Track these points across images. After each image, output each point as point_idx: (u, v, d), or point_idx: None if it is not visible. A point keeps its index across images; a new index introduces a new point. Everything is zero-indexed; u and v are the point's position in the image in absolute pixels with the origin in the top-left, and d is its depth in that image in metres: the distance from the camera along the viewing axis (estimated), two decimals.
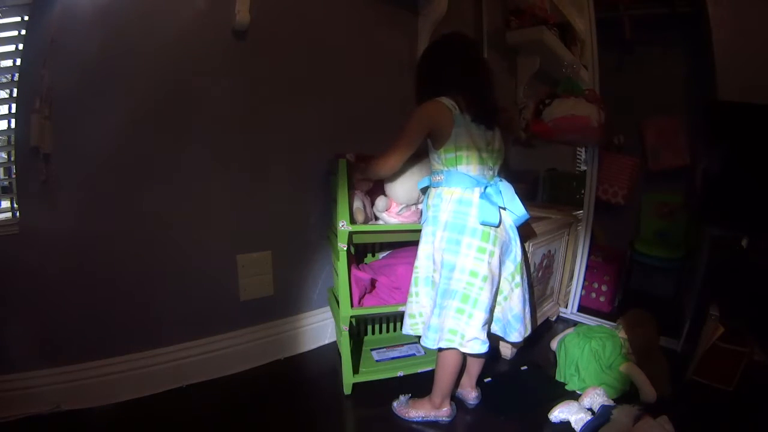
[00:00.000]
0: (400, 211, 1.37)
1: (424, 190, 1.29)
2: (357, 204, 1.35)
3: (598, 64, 1.91)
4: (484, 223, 1.12)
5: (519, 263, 1.22)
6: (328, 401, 1.36)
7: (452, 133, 1.12)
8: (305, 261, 1.64)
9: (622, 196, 2.25)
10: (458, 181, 1.15)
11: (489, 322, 1.18)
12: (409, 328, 1.27)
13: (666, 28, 2.15)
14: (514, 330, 1.23)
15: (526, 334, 1.25)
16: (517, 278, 1.22)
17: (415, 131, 1.16)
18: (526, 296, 1.26)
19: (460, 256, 1.12)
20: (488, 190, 1.15)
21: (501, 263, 1.18)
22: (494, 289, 1.16)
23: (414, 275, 1.25)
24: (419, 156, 1.28)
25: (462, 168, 1.14)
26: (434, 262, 1.19)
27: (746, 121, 1.49)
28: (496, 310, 1.22)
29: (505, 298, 1.22)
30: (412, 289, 1.25)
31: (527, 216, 1.22)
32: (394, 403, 1.30)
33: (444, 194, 1.16)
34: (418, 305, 1.25)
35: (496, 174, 1.22)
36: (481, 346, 1.12)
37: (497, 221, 1.13)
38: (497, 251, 1.14)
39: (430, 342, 1.16)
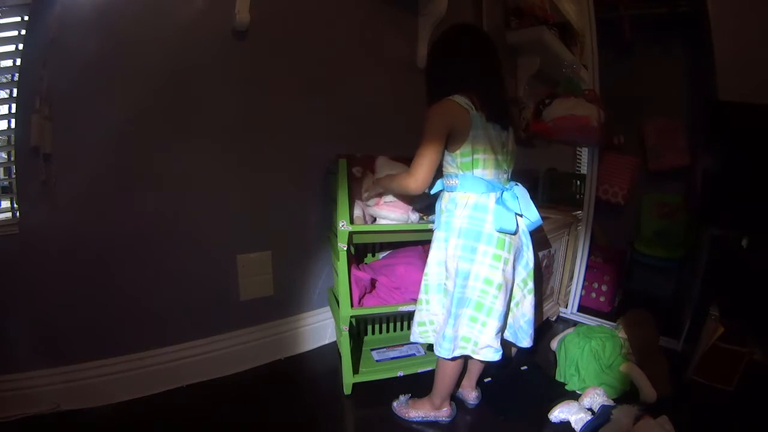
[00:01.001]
0: (387, 200, 1.35)
1: (437, 195, 1.22)
2: (357, 213, 1.35)
3: (598, 64, 1.91)
4: (500, 231, 1.07)
5: (531, 269, 1.19)
6: (328, 401, 1.36)
7: (470, 135, 1.05)
8: (305, 261, 1.64)
9: (622, 196, 2.25)
10: (473, 185, 1.09)
11: (502, 329, 1.16)
12: (418, 335, 1.23)
13: (666, 28, 2.15)
14: (527, 335, 1.21)
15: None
16: (530, 284, 1.19)
17: (435, 137, 1.06)
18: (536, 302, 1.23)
19: (474, 264, 1.08)
20: (505, 195, 1.10)
21: (513, 269, 1.14)
22: (508, 297, 1.13)
23: (424, 282, 1.20)
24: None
25: (478, 172, 1.08)
26: (447, 270, 1.14)
27: (746, 121, 1.49)
28: (508, 317, 1.19)
29: (517, 305, 1.20)
30: (422, 296, 1.21)
31: (541, 221, 1.18)
32: (394, 403, 1.30)
33: (458, 199, 1.10)
34: (428, 313, 1.20)
35: (510, 177, 1.17)
36: (494, 354, 1.11)
37: (514, 228, 1.08)
38: (511, 258, 1.11)
39: (444, 352, 1.12)
